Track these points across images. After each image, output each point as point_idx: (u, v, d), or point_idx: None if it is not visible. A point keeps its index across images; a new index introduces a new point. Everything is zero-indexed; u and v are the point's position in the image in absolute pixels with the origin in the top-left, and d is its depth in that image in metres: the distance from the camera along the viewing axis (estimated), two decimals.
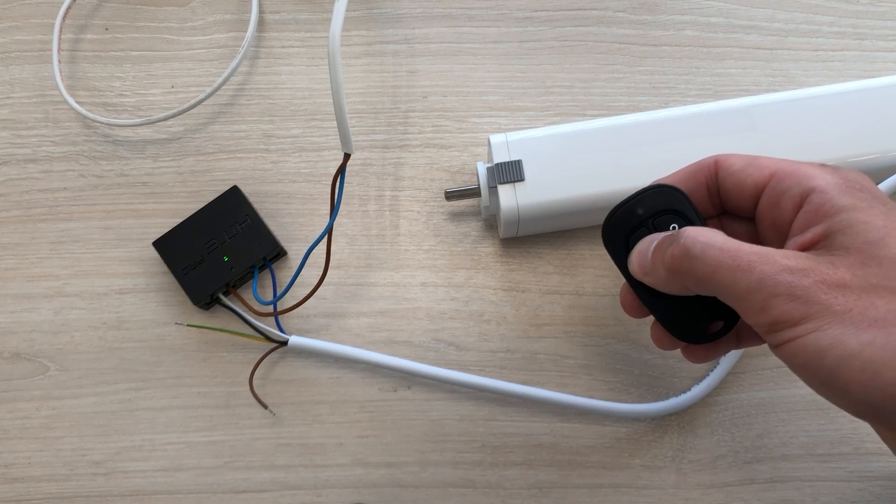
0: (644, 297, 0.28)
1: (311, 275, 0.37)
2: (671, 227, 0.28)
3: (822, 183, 0.24)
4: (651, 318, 0.29)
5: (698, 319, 0.28)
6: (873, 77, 0.36)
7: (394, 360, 0.36)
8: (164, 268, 0.37)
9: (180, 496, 0.36)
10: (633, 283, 0.28)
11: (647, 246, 0.27)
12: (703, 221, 0.28)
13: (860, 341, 0.21)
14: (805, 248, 0.24)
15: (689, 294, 0.26)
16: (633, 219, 0.28)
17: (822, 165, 0.25)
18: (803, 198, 0.24)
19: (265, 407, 0.36)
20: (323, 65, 0.42)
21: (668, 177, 0.29)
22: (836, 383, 0.21)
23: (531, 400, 0.36)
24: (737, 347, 0.29)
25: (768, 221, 0.26)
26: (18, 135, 0.41)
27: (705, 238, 0.24)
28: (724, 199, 0.28)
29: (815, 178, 0.24)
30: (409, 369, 0.36)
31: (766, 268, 0.22)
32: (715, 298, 0.27)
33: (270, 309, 0.37)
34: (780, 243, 0.26)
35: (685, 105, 0.36)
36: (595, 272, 0.38)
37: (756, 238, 0.28)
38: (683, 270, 0.24)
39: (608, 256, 0.29)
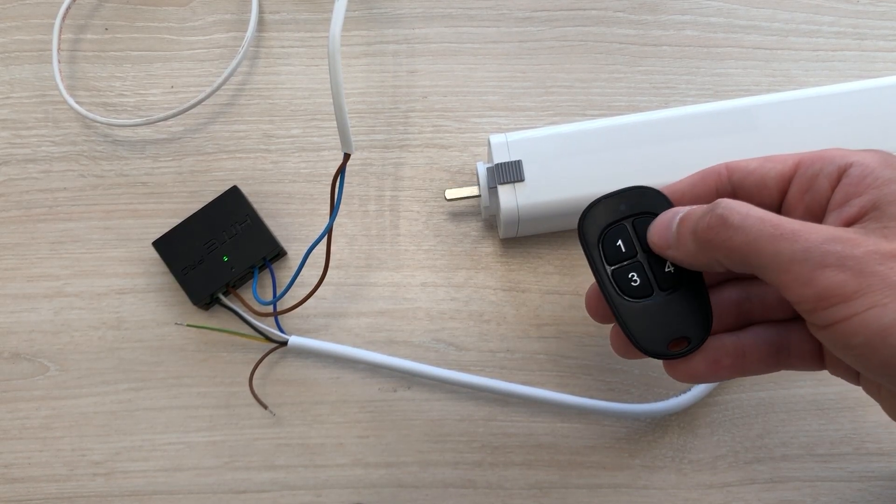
0: (611, 296, 0.27)
1: (310, 275, 0.37)
2: None
3: (860, 158, 0.23)
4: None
5: (662, 333, 0.26)
6: (873, 77, 0.36)
7: (394, 360, 0.36)
8: (164, 268, 0.37)
9: (180, 496, 0.36)
10: (602, 281, 0.27)
11: (670, 218, 0.25)
12: None
13: None
14: (851, 222, 0.22)
15: (715, 270, 0.25)
16: (613, 214, 0.27)
17: (849, 148, 0.24)
18: (841, 174, 0.23)
19: (265, 407, 0.37)
20: (323, 65, 0.42)
21: (676, 184, 0.28)
22: None
23: (531, 400, 0.36)
24: (729, 377, 0.27)
25: (801, 209, 0.24)
26: (18, 135, 0.41)
27: (744, 208, 0.22)
28: (744, 201, 0.26)
29: (851, 154, 0.23)
30: (409, 369, 0.36)
31: (812, 236, 0.21)
32: (686, 312, 0.26)
33: (270, 309, 0.37)
34: None
35: (685, 105, 0.36)
36: None
37: None
38: (718, 241, 0.23)
39: None
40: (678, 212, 0.25)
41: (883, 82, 0.35)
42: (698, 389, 0.35)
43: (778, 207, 0.26)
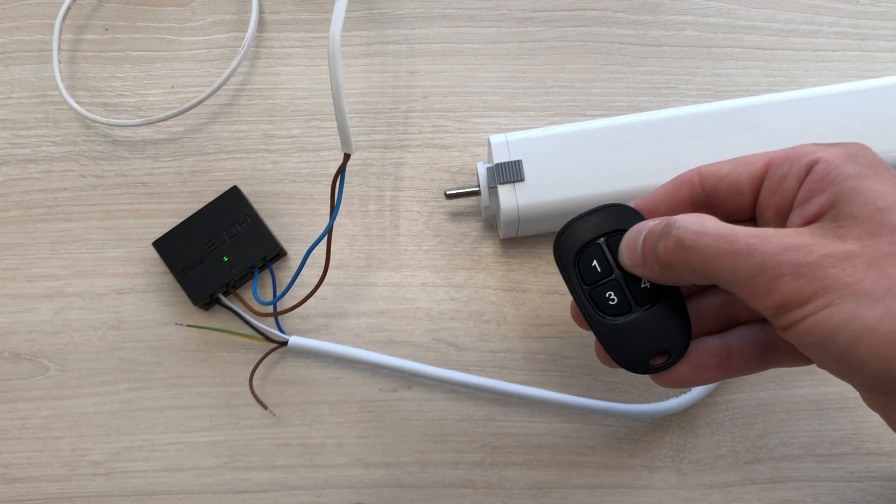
0: (590, 315, 0.27)
1: (311, 275, 0.37)
2: None
3: (826, 154, 0.23)
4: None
5: (642, 348, 0.26)
6: (873, 77, 0.36)
7: (394, 360, 0.36)
8: (164, 268, 0.37)
9: (180, 496, 0.36)
10: (580, 301, 0.27)
11: (635, 237, 0.26)
12: None
13: (876, 312, 0.20)
14: (811, 220, 0.22)
15: (686, 284, 0.25)
16: (586, 234, 0.27)
17: (820, 143, 0.24)
18: (808, 171, 0.23)
19: (265, 407, 0.37)
20: (323, 65, 0.42)
21: (648, 196, 0.28)
22: (853, 359, 0.20)
23: (531, 400, 0.36)
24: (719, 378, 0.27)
25: (772, 211, 0.25)
26: (18, 135, 0.41)
27: (697, 226, 0.23)
28: (718, 207, 0.26)
29: (817, 151, 0.23)
30: (409, 369, 0.36)
31: (767, 248, 0.21)
32: (665, 326, 0.26)
33: (270, 309, 0.37)
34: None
35: (685, 105, 0.36)
36: None
37: None
38: (678, 263, 0.23)
39: None
40: (642, 230, 0.25)
41: (883, 82, 0.35)
42: (698, 390, 0.35)
43: (753, 210, 0.26)
